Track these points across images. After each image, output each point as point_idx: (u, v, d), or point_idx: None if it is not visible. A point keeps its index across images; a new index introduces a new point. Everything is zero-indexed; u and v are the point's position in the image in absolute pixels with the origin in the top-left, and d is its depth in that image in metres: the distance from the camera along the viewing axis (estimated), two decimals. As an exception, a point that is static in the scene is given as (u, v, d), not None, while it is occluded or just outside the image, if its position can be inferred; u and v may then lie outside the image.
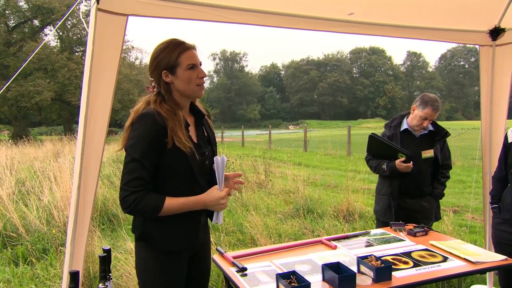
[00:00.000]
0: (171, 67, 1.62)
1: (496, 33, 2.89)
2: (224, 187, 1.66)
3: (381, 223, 2.98)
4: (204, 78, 1.68)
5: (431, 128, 2.94)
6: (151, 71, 1.66)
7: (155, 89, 1.67)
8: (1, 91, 2.52)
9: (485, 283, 3.18)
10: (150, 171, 1.56)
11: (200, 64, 1.69)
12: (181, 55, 1.62)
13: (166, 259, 1.66)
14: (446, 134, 2.97)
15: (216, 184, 1.66)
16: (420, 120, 2.83)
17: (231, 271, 2.00)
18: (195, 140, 1.69)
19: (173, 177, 1.62)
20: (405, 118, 2.98)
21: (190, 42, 1.68)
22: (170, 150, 1.57)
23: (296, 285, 1.68)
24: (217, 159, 1.63)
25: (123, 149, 1.62)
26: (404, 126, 2.95)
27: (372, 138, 2.95)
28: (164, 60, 1.61)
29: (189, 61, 1.63)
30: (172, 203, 1.56)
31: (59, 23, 17.83)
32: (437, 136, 2.93)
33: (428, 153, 2.89)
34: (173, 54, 1.61)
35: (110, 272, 1.68)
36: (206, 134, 1.78)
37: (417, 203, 2.94)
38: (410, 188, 2.91)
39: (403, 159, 2.79)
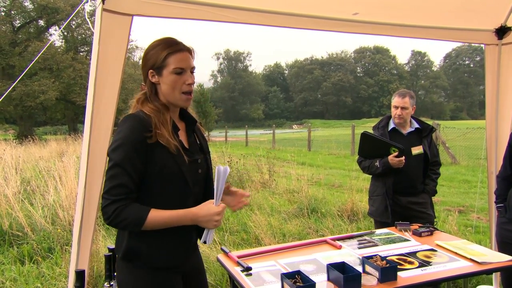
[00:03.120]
0: (158, 67, 1.48)
1: (502, 32, 2.87)
2: (221, 202, 1.46)
3: (378, 224, 3.00)
4: (193, 86, 1.55)
5: (416, 125, 3.06)
6: (141, 68, 1.55)
7: (144, 89, 1.55)
8: (7, 92, 2.53)
9: (491, 284, 3.16)
10: (134, 178, 1.40)
11: (193, 70, 1.54)
12: (170, 56, 1.47)
13: (156, 277, 1.51)
14: (432, 129, 3.08)
15: (213, 198, 1.47)
16: (394, 111, 3.01)
17: (236, 271, 2.00)
18: (186, 146, 1.56)
19: (163, 184, 1.46)
20: (391, 118, 3.09)
21: (188, 44, 1.54)
22: (156, 148, 1.42)
23: (301, 284, 1.67)
24: (220, 168, 1.43)
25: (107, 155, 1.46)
26: (391, 125, 3.06)
27: (365, 135, 3.01)
28: (152, 59, 1.48)
29: (177, 64, 1.47)
30: (157, 215, 1.39)
31: (65, 23, 17.92)
32: (424, 133, 3.05)
33: (417, 150, 2.98)
34: (162, 53, 1.47)
35: (115, 272, 1.68)
36: (198, 142, 1.65)
37: (411, 200, 2.97)
38: (403, 186, 2.95)
39: (396, 153, 2.82)
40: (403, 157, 2.82)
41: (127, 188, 1.38)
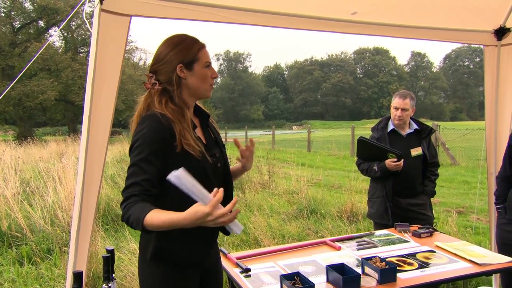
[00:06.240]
0: (189, 62, 1.52)
1: (501, 33, 2.87)
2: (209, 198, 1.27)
3: (378, 226, 2.99)
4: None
5: (416, 126, 3.04)
6: (159, 64, 1.53)
7: (155, 87, 1.53)
8: (4, 92, 2.53)
9: (490, 285, 3.15)
10: (151, 177, 1.40)
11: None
12: (201, 50, 1.55)
13: (180, 274, 1.55)
14: (431, 131, 3.07)
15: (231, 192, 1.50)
16: (394, 112, 2.98)
17: (235, 272, 2.00)
18: (204, 142, 1.58)
19: None
20: (390, 119, 3.07)
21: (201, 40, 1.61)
22: (179, 155, 1.44)
23: (300, 286, 1.67)
24: (174, 177, 1.25)
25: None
26: (390, 127, 3.04)
27: (362, 141, 3.00)
28: (182, 54, 1.51)
29: (207, 58, 1.57)
30: (154, 217, 1.29)
31: (63, 24, 17.99)
32: (423, 134, 3.03)
33: (417, 151, 2.97)
34: (193, 48, 1.53)
35: (114, 273, 1.68)
36: (213, 136, 1.67)
37: (410, 201, 2.97)
38: (403, 187, 2.94)
39: (394, 159, 2.81)
40: (401, 162, 2.81)
41: (141, 186, 1.38)
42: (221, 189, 1.28)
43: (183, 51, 1.52)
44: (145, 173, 1.39)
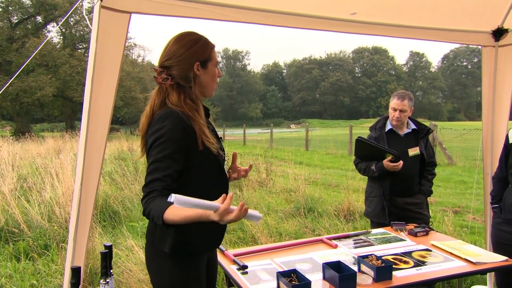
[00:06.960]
0: (204, 60, 1.58)
1: (499, 33, 2.88)
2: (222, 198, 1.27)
3: (375, 225, 3.01)
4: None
5: (413, 126, 3.05)
6: (174, 60, 1.53)
7: (167, 82, 1.54)
8: (4, 88, 2.52)
9: (485, 284, 3.18)
10: (173, 173, 1.44)
11: None
12: (213, 50, 1.62)
13: (196, 263, 1.60)
14: (429, 131, 3.08)
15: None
16: (392, 113, 2.99)
17: (232, 269, 2.01)
18: None
19: (203, 178, 1.55)
20: (388, 119, 3.08)
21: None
22: (201, 152, 1.50)
23: (296, 283, 1.68)
24: (175, 199, 1.19)
25: (146, 154, 1.51)
26: (388, 126, 3.05)
27: (359, 141, 3.01)
28: (200, 52, 1.57)
29: (216, 58, 1.64)
30: (174, 213, 1.31)
31: (63, 20, 17.88)
32: (421, 134, 3.04)
33: (414, 151, 2.98)
34: (208, 47, 1.60)
35: (111, 269, 1.69)
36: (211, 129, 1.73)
37: (407, 201, 2.98)
38: (400, 187, 2.95)
39: (390, 158, 2.82)
40: (400, 163, 2.82)
41: (164, 182, 1.41)
42: (230, 195, 1.27)
43: (201, 49, 1.58)
44: (168, 169, 1.43)
